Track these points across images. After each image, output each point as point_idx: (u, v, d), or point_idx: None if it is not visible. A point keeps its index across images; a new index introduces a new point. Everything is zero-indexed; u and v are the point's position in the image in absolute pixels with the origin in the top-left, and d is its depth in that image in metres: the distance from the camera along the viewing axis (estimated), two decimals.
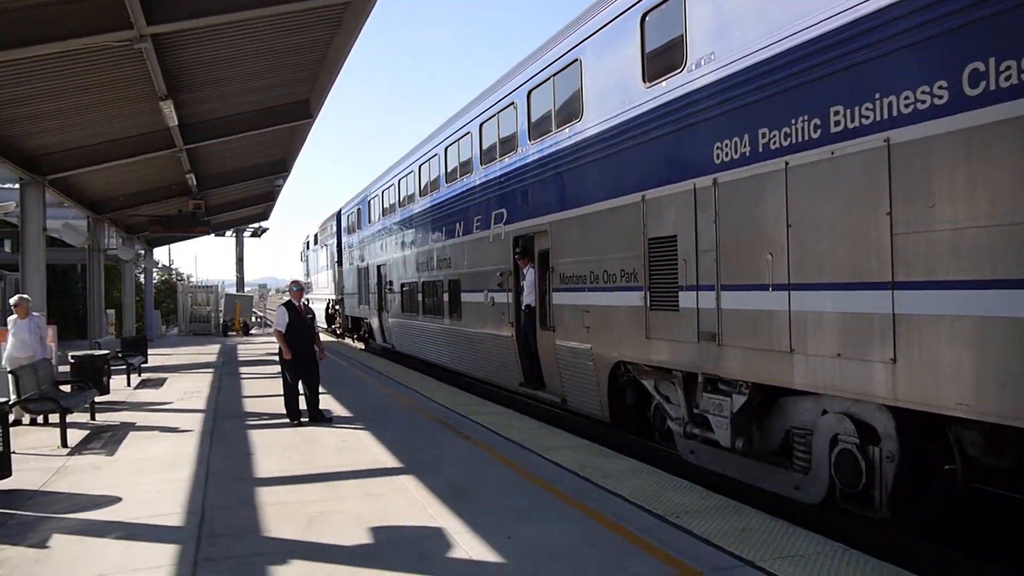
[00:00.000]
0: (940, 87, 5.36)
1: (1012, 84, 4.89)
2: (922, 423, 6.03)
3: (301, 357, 11.78)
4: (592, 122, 10.09)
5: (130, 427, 11.77)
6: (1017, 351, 4.90)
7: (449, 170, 16.82)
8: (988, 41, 5.05)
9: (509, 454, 9.22)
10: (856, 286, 6.06)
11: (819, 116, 6.39)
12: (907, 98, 5.61)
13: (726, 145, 7.50)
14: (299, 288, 12.42)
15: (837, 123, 6.22)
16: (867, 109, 5.95)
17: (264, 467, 8.90)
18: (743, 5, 7.30)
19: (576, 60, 10.52)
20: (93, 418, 12.47)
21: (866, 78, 5.96)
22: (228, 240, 50.57)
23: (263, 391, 15.56)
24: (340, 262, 32.73)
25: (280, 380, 12.21)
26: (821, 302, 6.42)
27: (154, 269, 42.84)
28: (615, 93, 9.53)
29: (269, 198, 33.68)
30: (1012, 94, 4.88)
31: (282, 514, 6.92)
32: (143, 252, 35.30)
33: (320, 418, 11.77)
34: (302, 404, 11.92)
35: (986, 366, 5.10)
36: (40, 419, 12.05)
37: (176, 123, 15.59)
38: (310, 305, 12.48)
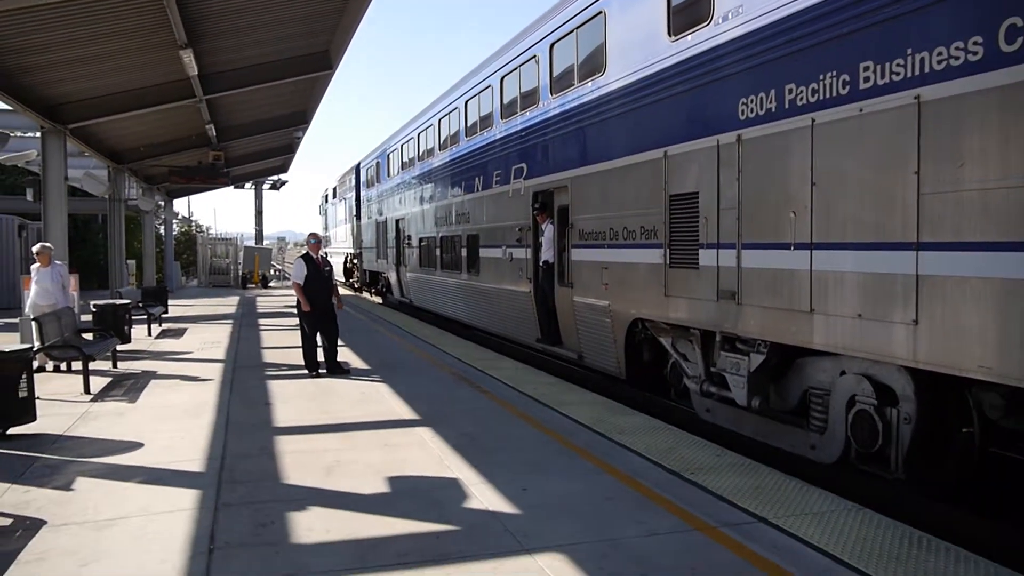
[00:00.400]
0: (975, 43, 5.22)
1: None
2: (941, 386, 5.99)
3: (319, 309, 11.79)
4: (615, 76, 9.94)
5: (151, 375, 11.94)
6: None
7: (469, 124, 16.68)
8: None
9: (525, 408, 9.28)
10: (880, 246, 5.98)
11: (848, 72, 6.25)
12: (940, 54, 5.47)
13: (751, 101, 7.37)
14: (316, 240, 12.35)
15: (867, 79, 6.09)
16: (898, 65, 5.81)
17: (283, 416, 9.01)
18: None
19: (600, 12, 10.33)
20: (115, 366, 12.65)
21: (898, 33, 5.81)
22: (247, 192, 50.70)
23: (282, 343, 15.71)
24: (359, 216, 32.73)
25: (299, 332, 12.27)
26: (843, 262, 6.34)
27: (174, 221, 43.04)
28: (639, 47, 9.36)
29: (288, 150, 33.58)
30: None
31: (300, 462, 7.02)
32: (163, 203, 35.45)
33: (338, 370, 11.86)
34: (320, 356, 11.99)
35: (1011, 328, 5.03)
36: (63, 366, 12.24)
37: (196, 73, 15.51)
38: (328, 258, 12.45)
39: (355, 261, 34.84)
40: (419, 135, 21.58)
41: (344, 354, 13.18)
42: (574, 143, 11.28)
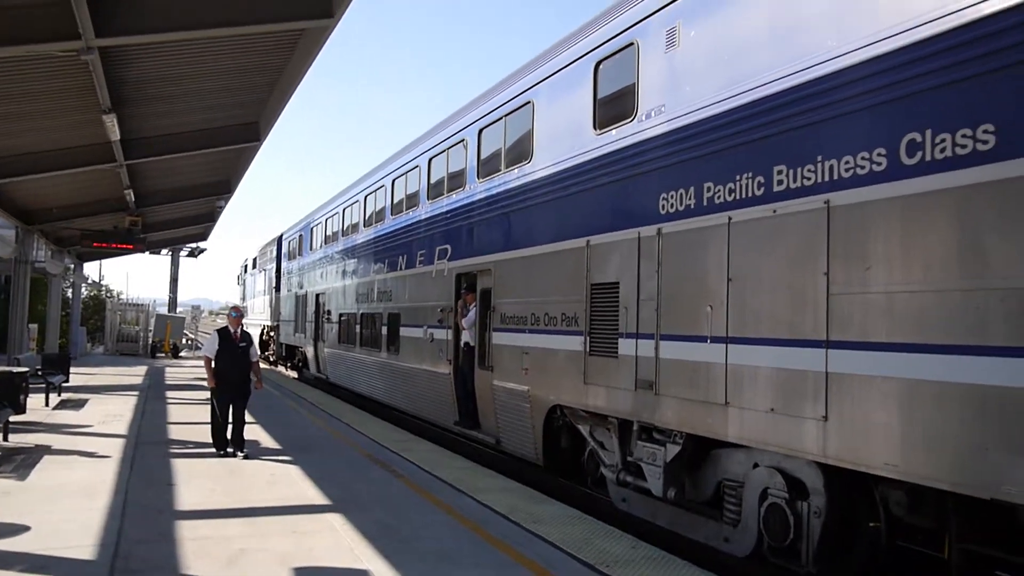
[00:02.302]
0: (879, 154, 5.54)
1: (946, 156, 5.07)
2: (850, 480, 6.12)
3: (229, 386, 11.23)
4: (541, 164, 10.17)
5: (45, 450, 11.26)
6: (942, 415, 5.03)
7: (395, 202, 16.75)
8: (925, 114, 5.24)
9: (440, 494, 9.08)
10: (792, 343, 6.17)
11: (763, 174, 6.54)
12: (847, 163, 5.78)
13: (672, 196, 7.62)
14: (237, 314, 11.78)
15: (780, 182, 6.37)
16: (809, 171, 6.11)
17: (186, 499, 8.58)
18: (694, 61, 7.47)
19: (529, 102, 10.62)
20: (6, 439, 11.90)
21: (809, 140, 6.14)
22: (163, 258, 49.34)
23: (190, 417, 15.09)
24: (278, 288, 32.20)
25: (208, 406, 11.79)
26: (757, 357, 6.51)
27: (83, 284, 41.52)
28: (566, 137, 9.63)
29: (209, 218, 33.05)
30: (946, 166, 5.07)
31: (202, 550, 6.66)
32: (72, 266, 34.22)
33: (239, 446, 11.21)
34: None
35: (913, 428, 5.21)
36: None
37: (118, 137, 15.25)
38: (248, 331, 11.85)
39: (272, 334, 34.10)
40: (344, 210, 21.54)
41: (254, 432, 12.75)
42: (499, 227, 11.41)
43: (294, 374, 29.93)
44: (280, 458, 11.10)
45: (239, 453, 11.11)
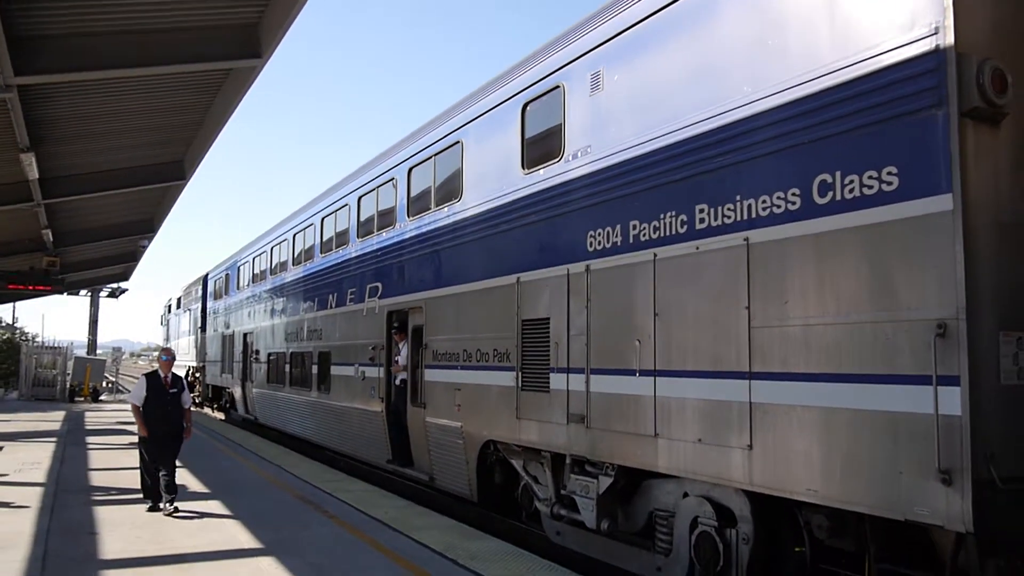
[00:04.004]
0: (793, 194, 5.85)
1: (855, 196, 5.39)
2: (775, 507, 6.34)
3: (158, 435, 10.29)
4: (471, 203, 10.32)
5: None
6: (857, 441, 5.29)
7: (325, 240, 16.67)
8: (835, 156, 5.57)
9: (374, 533, 9.01)
10: (717, 375, 6.39)
11: (686, 212, 6.80)
12: (764, 201, 6.07)
13: (599, 234, 7.84)
14: (168, 358, 10.99)
15: (702, 220, 6.64)
16: (729, 209, 6.38)
17: (110, 547, 8.31)
18: (618, 104, 7.75)
19: (458, 142, 10.78)
20: None
21: (729, 181, 6.42)
22: (82, 299, 47.80)
23: (113, 463, 14.58)
24: (204, 328, 31.48)
25: (132, 451, 11.38)
26: (684, 389, 6.72)
27: None
28: (495, 177, 9.81)
29: (132, 258, 32.25)
30: (854, 205, 5.39)
31: None
32: None
33: (171, 497, 10.23)
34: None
35: (831, 454, 5.46)
36: None
37: (37, 176, 14.86)
38: (179, 376, 11.09)
39: (198, 375, 33.26)
40: (272, 249, 21.30)
41: (182, 475, 12.37)
42: (430, 265, 11.49)
43: (221, 415, 29.21)
44: (208, 502, 10.84)
45: (168, 505, 10.15)
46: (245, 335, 23.68)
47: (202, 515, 10.00)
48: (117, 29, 10.78)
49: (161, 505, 10.19)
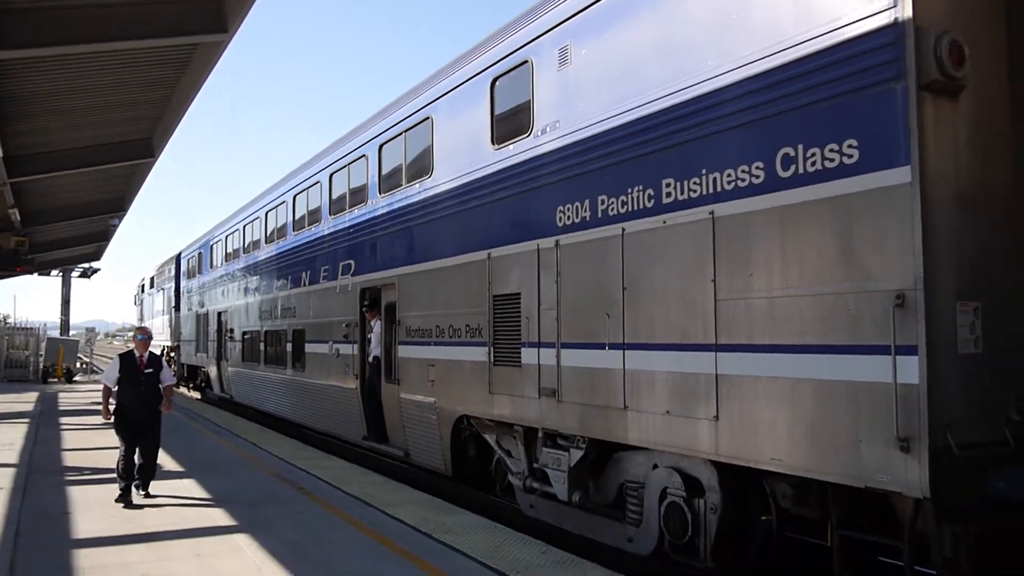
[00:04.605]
0: (757, 167, 5.89)
1: (817, 169, 5.45)
2: (742, 477, 6.45)
3: (131, 418, 9.77)
4: (442, 179, 10.29)
5: None
6: (821, 410, 5.39)
7: (297, 218, 16.57)
8: (797, 129, 5.61)
9: (350, 510, 9.06)
10: (684, 347, 6.46)
11: (653, 187, 6.84)
12: (729, 175, 6.11)
13: (568, 209, 7.86)
14: (144, 337, 10.37)
15: (668, 195, 6.68)
16: (695, 183, 6.42)
17: (84, 527, 8.29)
18: (586, 79, 7.74)
19: (428, 118, 10.73)
20: None
21: (694, 155, 6.46)
22: (54, 280, 47.30)
23: (87, 444, 14.52)
24: (178, 307, 31.27)
25: (109, 432, 10.73)
26: (653, 362, 6.79)
27: None
28: (465, 153, 9.78)
29: (103, 237, 31.90)
30: (816, 178, 5.44)
31: None
32: None
33: (146, 483, 9.83)
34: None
35: (795, 424, 5.55)
36: None
37: (1, 155, 14.62)
38: (159, 356, 10.52)
39: (172, 354, 33.06)
40: (245, 227, 21.14)
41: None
42: (402, 242, 11.47)
43: (197, 395, 29.10)
44: (184, 481, 10.83)
45: (139, 490, 9.72)
46: (219, 314, 23.56)
47: (177, 493, 9.99)
48: (82, 3, 10.60)
49: (133, 487, 9.65)
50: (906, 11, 4.95)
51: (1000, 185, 5.40)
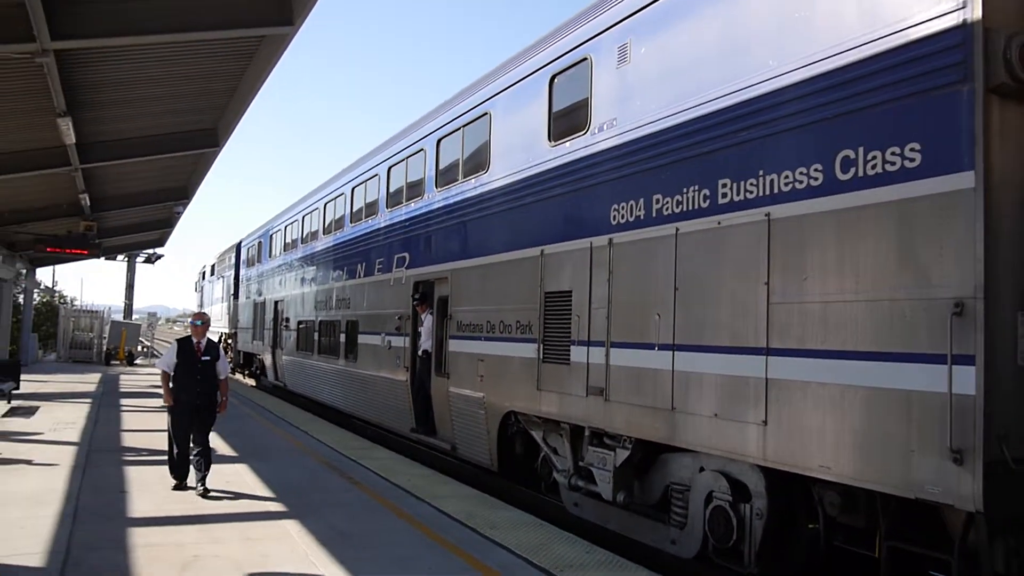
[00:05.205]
0: (816, 169, 5.80)
1: (877, 173, 5.34)
2: (790, 483, 6.35)
3: (187, 408, 9.49)
4: (498, 175, 10.34)
5: None
6: (872, 419, 5.28)
7: (354, 210, 16.80)
8: (858, 131, 5.51)
9: (397, 501, 9.17)
10: (734, 350, 6.40)
11: (708, 187, 6.78)
12: (787, 177, 6.03)
13: (623, 207, 7.83)
14: (201, 323, 9.99)
15: (724, 195, 6.61)
16: (751, 184, 6.35)
17: (139, 506, 8.57)
18: (645, 77, 7.70)
19: (486, 113, 10.78)
20: None
21: (752, 155, 6.38)
22: (119, 264, 48.65)
23: (144, 425, 14.96)
24: (236, 295, 31.95)
25: (163, 414, 10.73)
26: (702, 363, 6.73)
27: (35, 290, 40.72)
28: (521, 149, 9.81)
29: (167, 224, 32.65)
30: (876, 182, 5.34)
31: (154, 556, 6.69)
32: (24, 271, 33.59)
33: (201, 478, 9.34)
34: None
35: (845, 431, 5.46)
36: None
37: (73, 141, 15.08)
38: (216, 343, 10.26)
39: (230, 341, 33.79)
40: (304, 218, 21.51)
41: (211, 439, 12.67)
42: (456, 236, 11.55)
43: (252, 382, 29.70)
44: (236, 465, 11.09)
45: (199, 486, 9.28)
46: (276, 303, 24.00)
47: (229, 478, 10.22)
48: None
49: (190, 484, 9.40)
50: (975, 12, 4.82)
51: None
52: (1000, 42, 4.79)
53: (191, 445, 9.51)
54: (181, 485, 9.49)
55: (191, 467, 9.51)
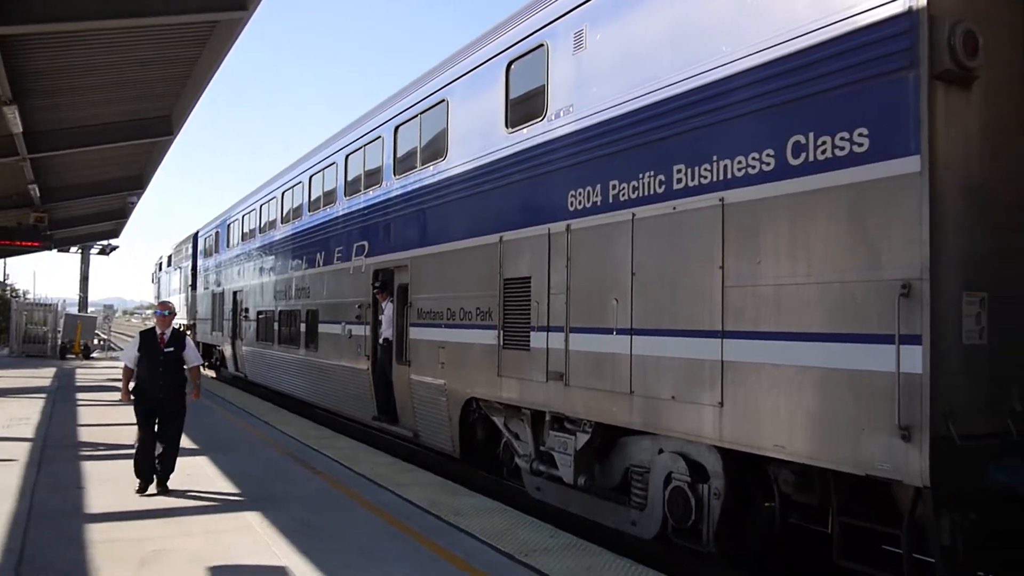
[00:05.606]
0: (768, 155, 5.89)
1: (827, 158, 5.44)
2: (746, 463, 6.47)
3: (151, 403, 8.88)
4: (456, 162, 10.32)
5: None
6: (824, 398, 5.41)
7: (313, 199, 16.66)
8: (808, 116, 5.60)
9: (360, 490, 9.16)
10: (690, 333, 6.49)
11: (664, 173, 6.84)
12: (740, 162, 6.11)
13: (580, 194, 7.87)
14: (165, 312, 9.33)
15: (679, 181, 6.68)
16: (705, 170, 6.42)
17: (97, 502, 8.43)
18: (601, 63, 7.73)
19: (443, 100, 10.74)
20: None
21: (705, 141, 6.45)
22: (72, 256, 47.74)
23: (102, 419, 14.72)
24: (194, 286, 31.54)
25: (124, 408, 9.87)
26: (659, 347, 6.82)
27: None
28: (479, 136, 9.80)
29: (121, 215, 32.14)
30: (826, 166, 5.44)
31: (113, 552, 6.59)
32: None
33: (164, 479, 8.97)
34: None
35: (798, 411, 5.58)
36: None
37: (21, 130, 14.75)
38: (183, 332, 9.63)
39: (188, 332, 33.38)
40: (261, 207, 21.27)
41: None
42: (415, 224, 11.52)
43: (212, 373, 29.38)
44: (197, 458, 10.97)
45: (157, 488, 8.88)
46: (235, 293, 23.75)
47: (190, 471, 10.10)
48: None
49: (151, 491, 8.83)
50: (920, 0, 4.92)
51: (1011, 176, 5.37)
52: (945, 29, 4.89)
53: (162, 441, 8.94)
54: (143, 488, 8.83)
55: (159, 467, 8.94)
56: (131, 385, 9.04)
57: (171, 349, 9.07)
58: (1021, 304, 5.33)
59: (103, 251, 46.58)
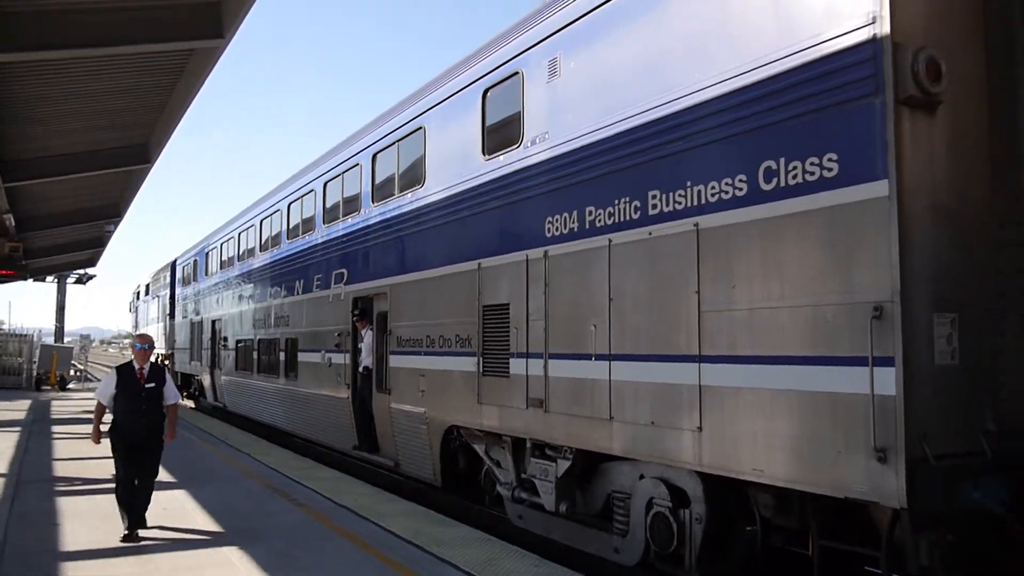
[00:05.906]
0: (740, 180, 5.96)
1: (798, 183, 5.51)
2: (726, 487, 6.48)
3: (128, 440, 8.40)
4: (433, 189, 10.35)
5: None
6: (801, 421, 5.44)
7: (291, 227, 16.62)
8: (779, 142, 5.68)
9: (342, 521, 9.07)
10: (668, 358, 6.51)
11: (639, 199, 6.90)
12: (713, 188, 6.18)
13: (557, 220, 7.91)
14: (144, 346, 8.95)
15: (654, 206, 6.74)
16: (680, 195, 6.48)
17: (72, 539, 8.27)
18: (575, 91, 7.81)
19: (420, 128, 10.79)
20: None
21: (679, 167, 6.52)
22: (49, 286, 47.24)
23: (78, 453, 14.49)
24: (172, 315, 31.29)
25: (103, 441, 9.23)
26: (638, 372, 6.83)
27: None
28: (456, 163, 9.84)
29: (98, 243, 31.85)
30: (797, 191, 5.51)
31: None
32: None
33: (139, 524, 8.50)
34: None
35: (776, 435, 5.60)
36: None
37: None
38: (162, 367, 9.25)
39: (166, 362, 33.06)
40: (240, 235, 21.19)
41: None
42: (394, 251, 11.52)
43: (190, 403, 29.08)
44: (175, 491, 10.83)
45: (137, 532, 8.37)
46: (214, 322, 23.58)
47: (167, 505, 9.96)
48: (75, 8, 10.61)
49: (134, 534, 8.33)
50: (884, 28, 5.01)
51: (977, 198, 5.47)
52: (908, 56, 4.99)
53: (139, 478, 8.56)
54: (132, 535, 8.28)
55: (139, 504, 8.58)
56: (105, 426, 8.63)
57: (152, 385, 8.65)
58: (992, 324, 5.40)
59: (80, 280, 46.16)
